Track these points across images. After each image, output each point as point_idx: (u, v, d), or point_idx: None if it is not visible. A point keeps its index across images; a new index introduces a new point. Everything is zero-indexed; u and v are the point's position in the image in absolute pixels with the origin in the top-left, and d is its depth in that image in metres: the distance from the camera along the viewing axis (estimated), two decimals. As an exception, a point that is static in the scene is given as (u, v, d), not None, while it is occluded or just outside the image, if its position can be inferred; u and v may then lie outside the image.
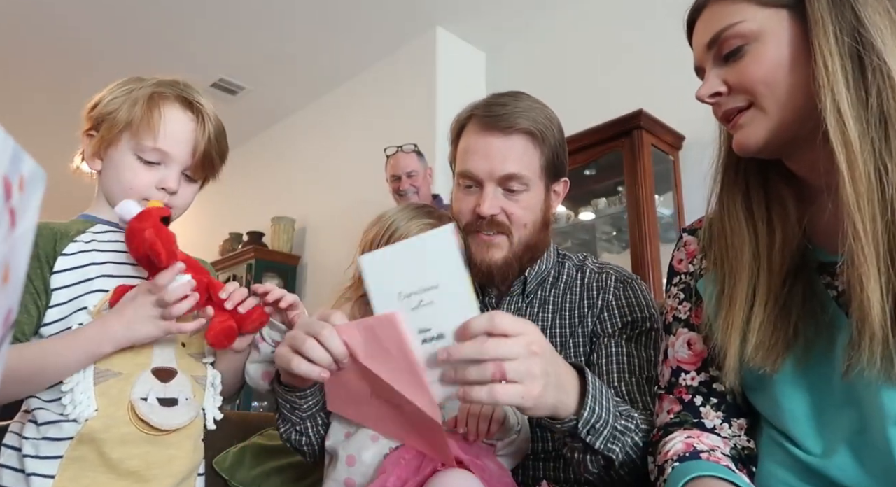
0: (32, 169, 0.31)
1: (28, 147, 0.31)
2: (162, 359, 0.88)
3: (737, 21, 0.71)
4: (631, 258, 2.40)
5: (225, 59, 3.76)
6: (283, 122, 4.47)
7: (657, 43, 2.66)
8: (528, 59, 3.39)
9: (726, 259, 0.77)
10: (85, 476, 0.80)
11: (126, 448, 0.82)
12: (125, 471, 0.82)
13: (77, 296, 0.85)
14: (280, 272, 3.97)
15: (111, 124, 0.90)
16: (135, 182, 0.90)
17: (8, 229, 0.29)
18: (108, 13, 3.31)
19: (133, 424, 0.83)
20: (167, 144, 0.90)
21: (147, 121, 0.89)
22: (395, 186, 2.70)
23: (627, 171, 2.48)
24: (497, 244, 1.04)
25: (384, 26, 3.44)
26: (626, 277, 1.08)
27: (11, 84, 3.95)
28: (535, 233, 1.06)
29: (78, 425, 0.80)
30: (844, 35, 0.66)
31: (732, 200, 0.79)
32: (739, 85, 0.72)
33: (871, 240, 0.62)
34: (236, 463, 1.24)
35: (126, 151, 0.90)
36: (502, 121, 1.02)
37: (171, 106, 0.92)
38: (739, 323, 0.72)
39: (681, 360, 0.84)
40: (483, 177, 1.03)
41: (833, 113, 0.64)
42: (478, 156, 1.03)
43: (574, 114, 2.84)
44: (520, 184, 1.02)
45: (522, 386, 0.68)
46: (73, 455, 0.80)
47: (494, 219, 1.03)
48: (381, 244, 0.99)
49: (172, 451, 0.86)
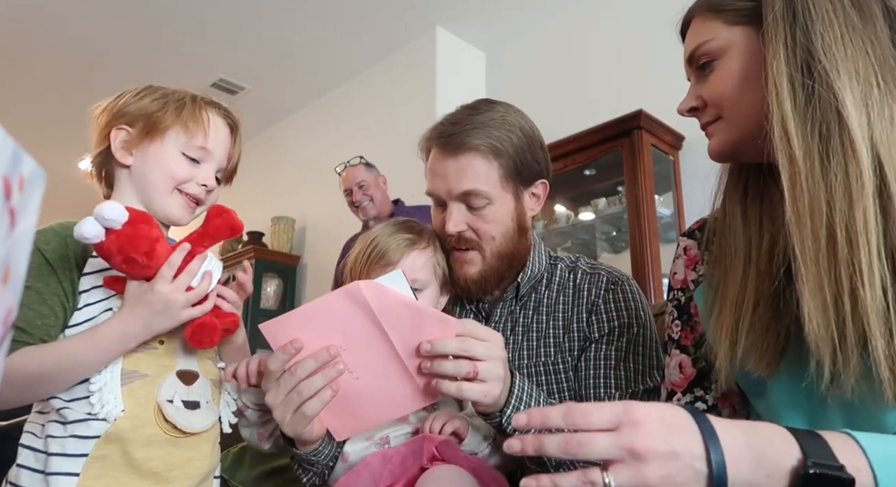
0: (32, 169, 0.31)
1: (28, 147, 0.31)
2: (186, 362, 0.90)
3: (708, 39, 0.75)
4: (631, 258, 2.40)
5: (225, 59, 3.76)
6: (283, 122, 4.47)
7: (657, 43, 2.66)
8: (528, 59, 3.39)
9: (721, 259, 0.78)
10: (107, 475, 0.81)
11: (150, 448, 0.83)
12: (147, 472, 0.83)
13: (104, 298, 0.86)
14: (280, 272, 3.97)
15: (156, 122, 0.94)
16: (178, 173, 0.94)
17: (8, 229, 0.29)
18: (109, 13, 3.31)
19: (158, 425, 0.84)
20: (211, 144, 0.97)
21: (197, 121, 0.95)
22: (349, 200, 2.80)
23: (627, 171, 2.48)
24: (470, 260, 1.06)
25: (384, 26, 3.44)
26: (617, 279, 1.09)
27: (11, 84, 3.95)
28: (508, 243, 1.07)
29: (106, 424, 0.81)
30: (794, 53, 0.66)
31: (732, 201, 0.80)
32: (710, 100, 0.77)
33: (812, 260, 0.62)
34: (236, 463, 1.24)
35: (171, 147, 0.94)
36: (451, 143, 1.04)
37: (213, 110, 0.99)
38: (729, 323, 0.72)
39: (674, 383, 0.87)
40: (444, 197, 1.06)
41: (779, 131, 0.65)
42: (437, 178, 1.07)
43: (574, 114, 2.85)
44: (479, 199, 1.04)
45: (487, 385, 0.78)
46: (98, 453, 0.81)
47: (462, 235, 1.05)
48: (365, 258, 1.01)
49: (192, 453, 0.88)
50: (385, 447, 0.92)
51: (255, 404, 0.94)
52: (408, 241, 1.01)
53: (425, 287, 1.02)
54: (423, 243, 1.04)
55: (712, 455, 0.52)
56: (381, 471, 0.83)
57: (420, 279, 1.01)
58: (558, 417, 0.55)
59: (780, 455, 0.52)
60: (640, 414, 0.53)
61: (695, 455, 0.52)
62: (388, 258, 0.99)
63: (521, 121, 1.09)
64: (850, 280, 0.60)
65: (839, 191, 0.61)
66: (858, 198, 0.61)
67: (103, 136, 0.96)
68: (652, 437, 0.52)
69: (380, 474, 0.83)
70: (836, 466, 0.51)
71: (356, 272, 1.02)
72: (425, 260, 1.03)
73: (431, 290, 1.04)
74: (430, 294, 1.04)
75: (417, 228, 1.06)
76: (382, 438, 0.93)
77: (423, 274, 1.02)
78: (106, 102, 0.98)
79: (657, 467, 0.52)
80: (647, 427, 0.53)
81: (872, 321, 0.59)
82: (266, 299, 3.88)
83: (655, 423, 0.53)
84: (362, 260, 1.01)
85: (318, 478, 0.96)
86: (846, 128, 0.62)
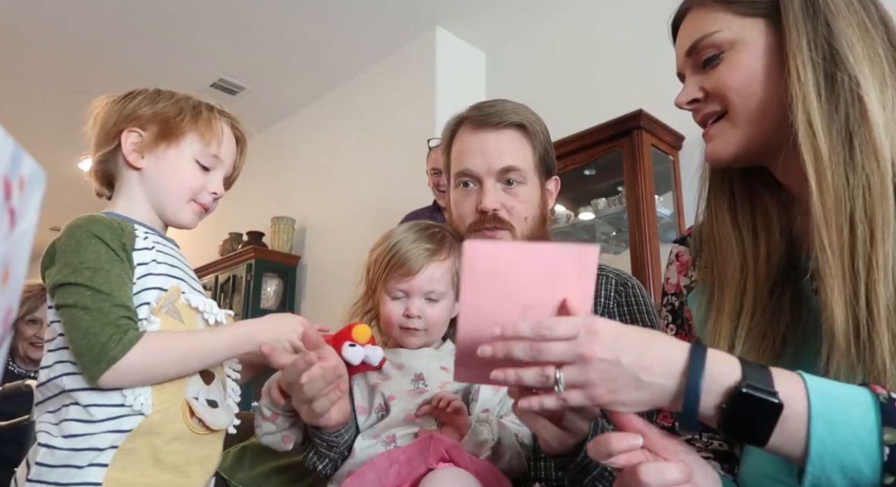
0: (32, 169, 0.31)
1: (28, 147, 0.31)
2: None
3: (714, 30, 0.72)
4: (631, 258, 2.40)
5: (225, 59, 3.76)
6: (283, 122, 4.47)
7: (657, 43, 2.65)
8: (528, 58, 3.39)
9: (715, 266, 0.78)
10: (133, 466, 0.83)
11: (175, 444, 0.86)
12: (170, 465, 0.85)
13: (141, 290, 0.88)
14: (280, 272, 3.97)
15: (173, 127, 0.96)
16: (194, 182, 0.97)
17: (8, 229, 0.29)
18: (109, 13, 3.30)
19: (185, 421, 0.87)
20: (223, 153, 1.00)
21: (212, 129, 0.98)
22: (435, 180, 2.54)
23: (627, 171, 2.47)
24: (500, 238, 1.06)
25: (384, 26, 3.44)
26: (625, 281, 1.09)
27: (11, 83, 3.95)
28: (535, 228, 1.09)
29: (140, 418, 0.83)
30: (817, 47, 0.66)
31: (719, 207, 0.79)
32: (715, 92, 0.73)
33: (836, 253, 0.62)
34: (236, 463, 1.24)
35: (187, 153, 0.96)
36: (493, 118, 1.07)
37: (225, 121, 1.02)
38: (727, 331, 0.72)
39: None
40: (481, 174, 1.06)
41: (804, 124, 0.65)
42: (474, 154, 1.07)
43: (574, 114, 2.85)
44: (517, 176, 1.06)
45: None
46: (128, 446, 0.82)
47: (496, 214, 1.05)
48: (384, 263, 1.02)
49: (209, 450, 0.91)
50: (392, 445, 0.92)
51: (285, 411, 0.96)
52: (429, 252, 1.01)
53: (441, 298, 1.02)
54: (444, 254, 1.03)
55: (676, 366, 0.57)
56: (387, 471, 0.83)
57: (437, 290, 1.01)
58: (528, 330, 0.59)
59: (721, 376, 0.57)
60: (598, 326, 0.59)
61: (641, 367, 0.57)
62: (407, 267, 0.99)
63: (542, 120, 1.14)
64: (868, 274, 0.60)
65: (863, 186, 0.62)
66: (880, 193, 0.61)
67: (111, 136, 0.96)
68: (601, 346, 0.58)
69: (385, 474, 0.83)
70: (769, 391, 0.55)
71: (375, 276, 1.03)
72: (444, 271, 1.02)
73: (447, 301, 1.03)
74: (446, 304, 1.03)
75: (439, 236, 1.05)
76: (389, 436, 0.93)
77: (440, 285, 1.01)
78: (109, 100, 0.98)
79: (600, 371, 0.57)
80: (599, 337, 0.58)
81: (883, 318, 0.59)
82: (266, 299, 3.88)
83: (608, 335, 0.58)
84: (381, 265, 1.01)
85: (332, 465, 0.96)
86: (869, 123, 0.63)
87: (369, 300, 1.07)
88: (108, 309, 0.80)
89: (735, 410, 0.55)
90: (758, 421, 0.55)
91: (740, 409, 0.55)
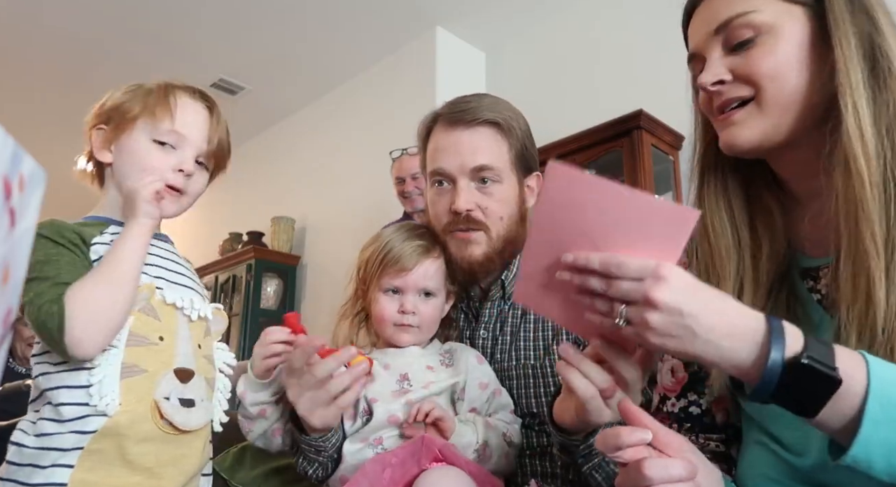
0: (32, 169, 0.31)
1: (28, 147, 0.31)
2: (183, 360, 0.89)
3: (750, 10, 0.69)
4: (631, 258, 2.40)
5: (225, 59, 3.76)
6: (283, 122, 4.47)
7: (657, 43, 2.66)
8: (528, 58, 3.39)
9: (711, 265, 0.76)
10: (101, 468, 0.81)
11: (144, 445, 0.83)
12: (139, 466, 0.83)
13: None
14: (280, 272, 3.97)
15: (124, 113, 0.93)
16: (152, 162, 0.92)
17: (8, 229, 0.29)
18: (109, 13, 3.30)
19: (154, 422, 0.84)
20: (183, 127, 0.94)
21: (163, 105, 0.93)
22: (399, 189, 2.68)
23: (627, 171, 2.47)
24: (475, 240, 1.04)
25: (384, 26, 3.43)
26: None
27: (11, 83, 3.95)
28: (512, 227, 1.06)
29: (104, 419, 0.81)
30: (862, 40, 0.66)
31: (714, 203, 0.78)
32: (746, 75, 0.70)
33: (881, 245, 0.62)
34: (236, 464, 1.24)
35: (141, 136, 0.93)
36: (467, 115, 1.04)
37: (183, 94, 0.97)
38: None
39: (666, 387, 0.86)
40: (455, 173, 1.04)
41: (853, 114, 0.64)
42: (447, 153, 1.05)
43: (574, 114, 2.85)
44: (492, 175, 1.03)
45: None
46: (94, 447, 0.81)
47: (470, 215, 1.03)
48: (378, 261, 1.02)
49: (183, 450, 0.88)
50: (379, 448, 0.92)
51: (273, 395, 0.95)
52: (422, 249, 1.02)
53: (435, 295, 1.03)
54: (436, 252, 1.04)
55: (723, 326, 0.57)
56: (380, 476, 0.83)
57: (431, 286, 1.02)
58: (597, 263, 0.60)
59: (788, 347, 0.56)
60: (668, 273, 0.58)
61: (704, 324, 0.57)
62: (402, 264, 1.00)
63: (521, 114, 1.11)
64: None
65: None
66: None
67: (87, 140, 0.97)
68: (666, 292, 0.57)
69: (379, 479, 0.82)
70: (829, 365, 0.55)
71: (369, 275, 1.03)
72: (437, 268, 1.03)
73: (440, 298, 1.05)
74: (439, 301, 1.05)
75: (429, 235, 1.06)
76: (376, 439, 0.93)
77: (433, 282, 1.02)
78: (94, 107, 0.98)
79: (659, 316, 0.58)
80: (666, 284, 0.58)
81: None
82: (266, 299, 3.88)
83: (677, 283, 0.58)
84: (375, 263, 1.02)
85: (323, 470, 0.96)
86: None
87: (358, 300, 1.07)
88: (45, 290, 0.79)
89: (793, 380, 0.55)
90: (813, 394, 0.55)
91: (799, 380, 0.55)
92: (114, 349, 0.84)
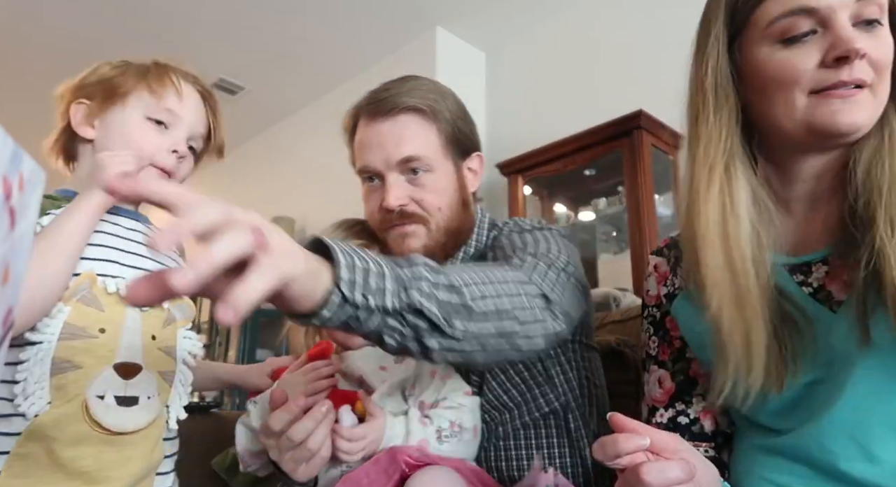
0: (32, 168, 0.31)
1: (28, 147, 0.31)
2: (128, 354, 0.81)
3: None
4: (631, 258, 2.40)
5: (225, 59, 3.76)
6: (283, 122, 4.47)
7: (657, 43, 2.66)
8: (528, 58, 3.39)
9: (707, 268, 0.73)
10: (31, 473, 0.74)
11: (79, 447, 0.76)
12: (76, 471, 0.76)
13: None
14: (280, 272, 3.96)
15: (115, 87, 0.89)
16: (144, 142, 0.88)
17: (8, 229, 0.29)
18: (109, 13, 3.30)
19: (86, 423, 0.77)
20: (180, 108, 0.92)
21: (163, 82, 0.91)
22: None
23: (627, 171, 2.47)
24: (412, 232, 0.97)
25: (384, 26, 3.43)
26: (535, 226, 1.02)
27: (11, 83, 3.95)
28: (454, 216, 0.99)
29: (27, 421, 0.74)
30: None
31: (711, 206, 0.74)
32: (875, 60, 0.65)
33: None
34: (236, 464, 1.24)
35: (134, 112, 0.89)
36: (386, 105, 0.97)
37: (181, 76, 0.95)
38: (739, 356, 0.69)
39: (655, 398, 0.85)
40: (381, 168, 0.97)
41: None
42: (371, 148, 0.98)
43: (574, 114, 2.85)
44: (421, 165, 0.96)
45: None
46: (20, 451, 0.74)
47: (405, 210, 0.96)
48: None
49: (128, 452, 0.81)
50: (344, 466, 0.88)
51: None
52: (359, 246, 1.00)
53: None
54: (374, 250, 0.99)
55: None
56: None
57: None
58: None
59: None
60: None
61: None
62: None
63: (452, 91, 1.03)
64: None
65: None
66: None
67: (62, 114, 0.92)
68: None
69: None
70: None
71: None
72: None
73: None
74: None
75: (366, 233, 1.03)
76: None
77: None
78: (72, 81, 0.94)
79: None
80: None
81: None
82: (266, 299, 3.87)
83: None
84: None
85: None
86: None
87: None
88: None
89: None
90: None
91: None
92: (44, 344, 0.76)
